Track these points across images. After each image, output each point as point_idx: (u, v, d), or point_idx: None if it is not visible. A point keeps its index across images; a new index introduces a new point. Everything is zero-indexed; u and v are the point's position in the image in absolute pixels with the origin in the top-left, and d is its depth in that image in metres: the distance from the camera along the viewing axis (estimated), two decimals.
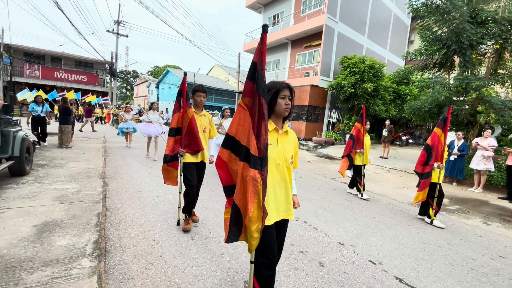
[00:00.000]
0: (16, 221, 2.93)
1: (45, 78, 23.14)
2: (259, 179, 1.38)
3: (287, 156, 1.67)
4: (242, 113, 1.50)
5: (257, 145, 1.39)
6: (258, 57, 1.38)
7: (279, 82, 1.62)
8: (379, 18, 18.08)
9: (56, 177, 4.79)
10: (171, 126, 2.92)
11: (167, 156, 2.91)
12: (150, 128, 7.18)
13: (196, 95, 3.00)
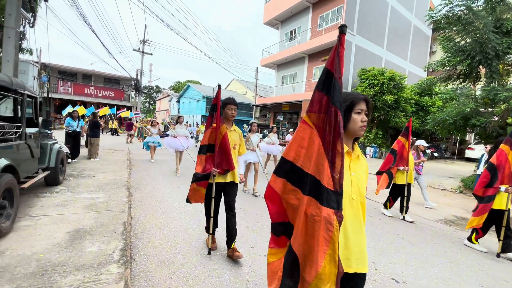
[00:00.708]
0: (50, 227, 3.16)
1: (76, 94, 24.90)
2: (334, 223, 1.04)
3: (361, 188, 1.29)
4: (307, 132, 1.19)
5: (331, 175, 1.08)
6: (335, 64, 1.12)
7: (353, 93, 1.29)
8: (398, 30, 17.93)
9: (86, 187, 5.10)
10: (203, 143, 2.72)
11: (198, 174, 2.67)
12: (177, 142, 7.09)
13: (227, 108, 2.81)
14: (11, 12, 5.06)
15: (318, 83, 1.18)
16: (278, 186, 1.27)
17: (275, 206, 1.30)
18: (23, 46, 9.56)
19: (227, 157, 2.70)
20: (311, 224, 1.10)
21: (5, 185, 2.87)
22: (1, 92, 2.96)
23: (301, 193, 1.18)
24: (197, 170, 2.70)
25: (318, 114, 1.16)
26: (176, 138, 7.12)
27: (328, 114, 1.12)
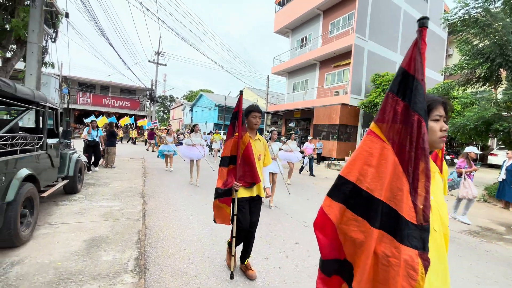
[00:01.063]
0: (68, 235, 3.23)
1: (94, 104, 25.88)
2: (419, 268, 0.80)
3: (444, 217, 1.00)
4: (376, 146, 0.94)
5: (413, 204, 0.84)
6: (416, 63, 0.89)
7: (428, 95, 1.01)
8: (411, 34, 17.61)
9: (103, 195, 5.22)
10: (224, 154, 2.48)
11: (219, 190, 2.41)
12: (192, 151, 6.81)
13: (251, 116, 2.57)
14: (34, 28, 5.37)
15: (392, 86, 0.94)
16: (334, 212, 0.99)
17: (327, 239, 1.02)
18: (45, 60, 10.07)
19: (251, 169, 2.47)
20: (384, 268, 0.84)
21: (26, 194, 2.97)
22: (25, 104, 3.11)
23: (368, 225, 0.90)
24: (218, 184, 2.44)
25: (393, 125, 0.91)
26: (192, 147, 6.83)
27: (407, 125, 0.88)
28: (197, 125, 7.31)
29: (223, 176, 2.45)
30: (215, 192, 2.47)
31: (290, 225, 4.10)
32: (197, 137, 7.06)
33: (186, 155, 6.89)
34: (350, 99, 14.00)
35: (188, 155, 6.84)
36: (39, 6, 5.52)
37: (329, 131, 14.81)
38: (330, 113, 14.44)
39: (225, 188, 2.40)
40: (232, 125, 2.49)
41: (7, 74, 9.15)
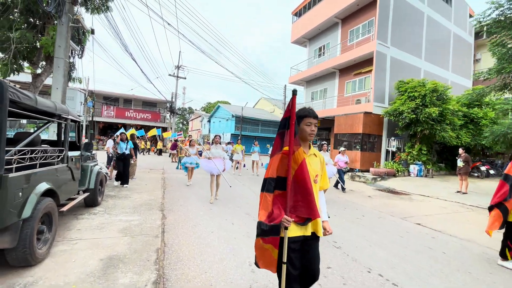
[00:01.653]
0: (86, 253, 3.08)
1: (118, 117, 26.88)
2: None
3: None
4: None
5: None
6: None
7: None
8: (436, 39, 16.87)
9: (122, 208, 5.12)
10: (268, 175, 1.79)
11: (263, 225, 1.75)
12: (211, 164, 6.19)
13: (305, 122, 1.91)
14: (61, 43, 5.54)
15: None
16: None
17: None
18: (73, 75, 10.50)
19: (306, 198, 1.77)
20: None
21: (44, 210, 2.86)
22: (46, 117, 3.07)
23: None
24: (261, 217, 1.78)
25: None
26: (211, 160, 6.18)
27: None
28: (218, 136, 6.53)
29: (267, 206, 1.77)
30: (258, 227, 1.80)
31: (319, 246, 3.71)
32: (218, 149, 6.38)
33: (206, 169, 6.32)
34: (374, 107, 13.41)
35: (207, 168, 6.25)
36: (66, 23, 5.71)
37: (351, 140, 14.22)
38: (352, 122, 13.89)
39: (271, 224, 1.73)
40: (280, 136, 1.83)
41: (37, 89, 9.61)
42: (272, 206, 1.78)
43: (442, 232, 4.84)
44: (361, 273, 2.98)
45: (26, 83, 15.32)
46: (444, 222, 5.58)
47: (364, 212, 6.00)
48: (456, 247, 4.11)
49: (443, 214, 6.33)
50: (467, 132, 12.94)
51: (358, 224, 4.98)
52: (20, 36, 7.79)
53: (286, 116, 1.80)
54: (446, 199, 8.01)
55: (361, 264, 3.21)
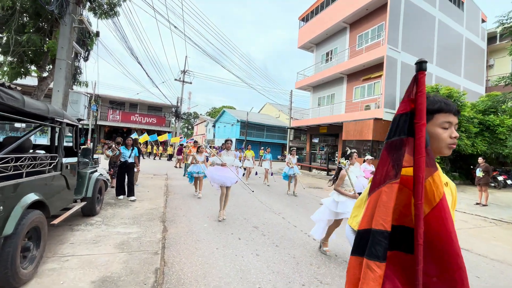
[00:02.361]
0: (76, 273, 2.74)
1: (123, 121, 26.86)
2: None
3: None
4: None
5: None
6: None
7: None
8: (448, 44, 16.44)
9: (121, 218, 4.80)
10: (373, 225, 0.93)
11: None
12: (223, 174, 5.10)
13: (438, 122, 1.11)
14: (63, 45, 5.32)
15: None
16: None
17: None
18: (80, 79, 10.36)
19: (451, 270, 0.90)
20: None
21: (30, 224, 2.55)
22: (37, 120, 2.78)
23: None
24: None
25: None
26: (222, 169, 5.16)
27: None
28: (230, 141, 5.52)
29: (376, 281, 0.88)
30: None
31: (337, 268, 3.32)
32: (229, 155, 5.38)
33: (216, 180, 5.12)
34: (384, 113, 12.99)
35: (218, 179, 5.09)
36: (69, 24, 5.51)
37: (360, 147, 13.77)
38: (361, 129, 13.47)
39: None
40: (390, 150, 0.98)
41: (42, 92, 9.48)
42: (387, 282, 0.90)
43: (469, 251, 4.38)
44: None
45: (32, 86, 15.34)
46: (469, 238, 5.12)
47: None
48: (489, 270, 3.66)
49: (466, 229, 5.86)
50: (482, 140, 12.39)
51: None
52: (27, 40, 7.67)
53: (405, 110, 0.96)
54: (466, 211, 7.51)
55: None
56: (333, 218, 3.57)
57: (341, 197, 3.52)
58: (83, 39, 6.98)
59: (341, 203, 3.46)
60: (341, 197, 3.52)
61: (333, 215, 3.55)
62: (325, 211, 3.62)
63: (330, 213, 3.56)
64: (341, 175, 3.64)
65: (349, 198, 3.48)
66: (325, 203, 3.66)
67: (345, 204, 3.42)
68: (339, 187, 3.62)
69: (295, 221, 5.43)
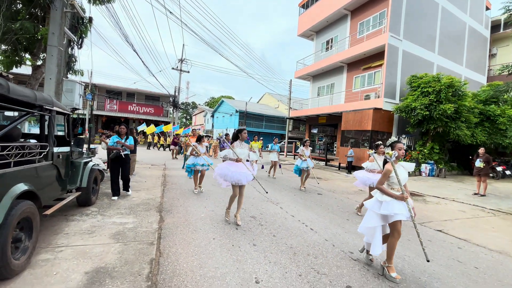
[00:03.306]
0: (70, 264, 2.70)
1: (121, 111, 26.60)
2: None
3: None
4: None
5: None
6: None
7: None
8: (451, 32, 16.12)
9: (117, 208, 4.75)
10: None
11: None
12: (238, 170, 4.22)
13: None
14: (54, 30, 5.12)
15: None
16: None
17: None
18: (74, 67, 10.11)
19: None
20: None
21: (21, 215, 2.48)
22: (23, 108, 2.66)
23: None
24: None
25: None
26: (237, 164, 4.29)
27: None
28: (244, 130, 4.52)
29: None
30: None
31: (334, 258, 3.29)
32: (244, 147, 4.45)
33: (229, 177, 4.21)
34: (384, 103, 12.85)
35: (232, 176, 4.19)
36: (60, 8, 5.29)
37: (359, 138, 13.70)
38: (360, 119, 13.36)
39: None
40: None
41: (37, 81, 9.26)
42: None
43: (467, 241, 4.38)
44: None
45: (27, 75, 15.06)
46: (467, 228, 5.12)
47: None
48: (488, 260, 3.65)
49: (463, 219, 5.86)
50: (482, 130, 12.33)
51: None
52: (20, 27, 7.42)
53: None
54: (464, 201, 7.52)
55: (385, 283, 2.78)
56: (381, 222, 2.92)
57: (385, 196, 2.92)
58: (76, 25, 6.73)
59: (386, 204, 2.84)
60: (385, 196, 2.91)
61: (380, 219, 2.91)
62: (372, 216, 2.97)
63: (377, 217, 2.92)
64: (385, 171, 2.94)
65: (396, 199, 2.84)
66: (368, 205, 3.06)
67: (391, 204, 2.82)
68: (382, 184, 2.96)
69: (293, 211, 5.40)
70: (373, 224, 2.90)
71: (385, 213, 2.80)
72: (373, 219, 2.93)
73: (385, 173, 2.93)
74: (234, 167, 4.25)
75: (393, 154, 2.88)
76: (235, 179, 4.18)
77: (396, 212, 2.75)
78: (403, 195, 2.83)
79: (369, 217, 2.99)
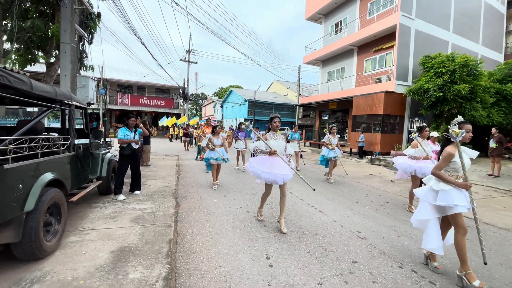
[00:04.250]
0: (97, 244, 2.96)
1: (132, 104, 27.14)
2: None
3: None
4: None
5: None
6: None
7: None
8: (466, 9, 15.32)
9: (135, 195, 5.04)
10: None
11: None
12: (276, 167, 3.51)
13: None
14: (66, 28, 5.31)
15: None
16: None
17: None
18: (85, 63, 10.39)
19: None
20: None
21: (50, 201, 2.73)
22: (45, 103, 2.87)
23: None
24: None
25: None
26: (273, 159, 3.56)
27: None
28: (277, 118, 3.78)
29: None
30: None
31: (342, 237, 3.43)
32: (278, 139, 3.73)
33: (262, 177, 3.56)
34: (395, 85, 12.54)
35: (265, 177, 3.52)
36: (69, 5, 5.45)
37: (371, 122, 13.51)
38: (372, 103, 13.13)
39: None
40: None
41: (51, 78, 9.61)
42: None
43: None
44: (392, 269, 2.68)
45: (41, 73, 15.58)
46: (478, 208, 5.10)
47: (387, 199, 5.61)
48: (495, 237, 3.69)
49: (476, 199, 5.81)
50: (499, 110, 11.87)
51: (382, 212, 4.63)
52: (31, 25, 7.67)
53: None
54: (477, 182, 7.42)
55: (391, 258, 2.90)
56: (437, 214, 2.54)
57: (441, 184, 2.48)
58: (85, 21, 6.91)
59: (443, 193, 2.43)
60: (442, 184, 2.47)
61: (436, 210, 2.53)
62: (425, 208, 2.59)
63: (432, 209, 2.54)
64: (446, 154, 2.44)
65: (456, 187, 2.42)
66: (419, 194, 2.68)
67: (450, 194, 2.40)
68: (440, 170, 2.49)
69: (302, 195, 5.54)
70: (426, 217, 2.55)
71: (443, 204, 2.40)
72: (426, 211, 2.56)
73: (446, 156, 2.43)
74: (267, 166, 3.52)
75: (460, 133, 2.39)
76: (270, 179, 3.52)
77: (456, 203, 2.35)
78: (467, 183, 2.39)
79: (422, 209, 2.62)
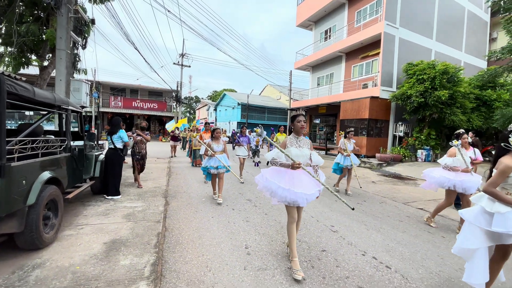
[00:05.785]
0: (90, 237, 3.23)
1: (125, 107, 27.19)
2: None
3: None
4: None
5: None
6: None
7: None
8: (449, 18, 16.07)
9: (127, 195, 5.29)
10: None
11: None
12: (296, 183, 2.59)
13: None
14: (61, 35, 5.58)
15: None
16: None
17: None
18: (78, 67, 10.59)
19: None
20: None
21: (49, 197, 3.00)
22: (46, 108, 3.15)
23: None
24: None
25: None
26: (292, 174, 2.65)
27: None
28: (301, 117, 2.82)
29: None
30: None
31: (316, 230, 3.78)
32: (303, 145, 2.80)
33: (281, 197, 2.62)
34: (380, 91, 13.09)
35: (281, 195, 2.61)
36: (65, 14, 5.72)
37: (358, 126, 14.01)
38: (358, 107, 13.64)
39: None
40: None
41: (44, 81, 9.78)
42: None
43: (444, 216, 4.81)
44: (355, 256, 3.03)
45: (34, 75, 15.63)
46: (449, 207, 5.53)
47: (365, 198, 6.00)
48: (456, 231, 4.09)
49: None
50: (479, 115, 12.51)
51: (358, 209, 5.00)
52: (26, 30, 7.87)
53: None
54: None
55: (356, 248, 3.26)
56: (489, 243, 2.03)
57: (497, 204, 2.00)
58: (79, 27, 7.17)
59: (499, 216, 1.95)
60: (498, 204, 1.99)
61: (488, 237, 2.02)
62: (474, 234, 2.05)
63: (483, 236, 2.02)
64: (503, 167, 1.99)
65: None
66: (467, 216, 2.14)
67: (509, 217, 1.92)
68: (497, 187, 2.03)
69: None
70: (476, 245, 2.01)
71: (500, 230, 1.90)
72: (476, 239, 2.02)
73: (503, 170, 1.98)
74: (286, 180, 2.61)
75: None
76: (288, 200, 2.58)
77: None
78: None
79: (470, 235, 2.07)
